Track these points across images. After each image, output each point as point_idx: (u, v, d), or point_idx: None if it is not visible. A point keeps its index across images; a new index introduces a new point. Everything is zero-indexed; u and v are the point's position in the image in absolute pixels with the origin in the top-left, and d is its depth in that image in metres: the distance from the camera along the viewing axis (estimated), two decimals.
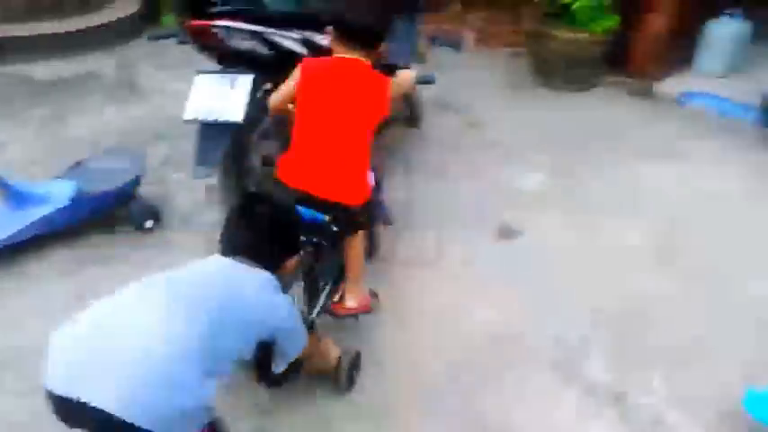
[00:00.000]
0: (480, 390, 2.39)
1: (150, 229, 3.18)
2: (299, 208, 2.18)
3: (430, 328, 2.66)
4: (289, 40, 2.78)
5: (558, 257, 3.10)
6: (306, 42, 2.90)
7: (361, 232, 2.41)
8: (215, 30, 2.60)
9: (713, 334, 2.66)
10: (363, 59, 2.26)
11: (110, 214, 3.18)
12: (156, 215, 3.21)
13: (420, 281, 2.93)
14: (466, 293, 2.86)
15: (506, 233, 3.28)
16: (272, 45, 2.74)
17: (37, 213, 2.94)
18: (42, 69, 4.97)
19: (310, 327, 2.19)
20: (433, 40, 5.83)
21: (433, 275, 2.96)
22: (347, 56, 2.25)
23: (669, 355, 2.56)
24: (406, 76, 2.60)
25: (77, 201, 3.00)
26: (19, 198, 2.94)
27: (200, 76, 2.75)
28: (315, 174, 2.23)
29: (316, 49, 2.89)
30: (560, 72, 4.98)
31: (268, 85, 2.86)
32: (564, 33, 4.78)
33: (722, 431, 2.25)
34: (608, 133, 4.36)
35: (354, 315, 2.48)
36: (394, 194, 3.52)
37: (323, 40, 2.90)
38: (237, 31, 2.64)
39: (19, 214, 2.93)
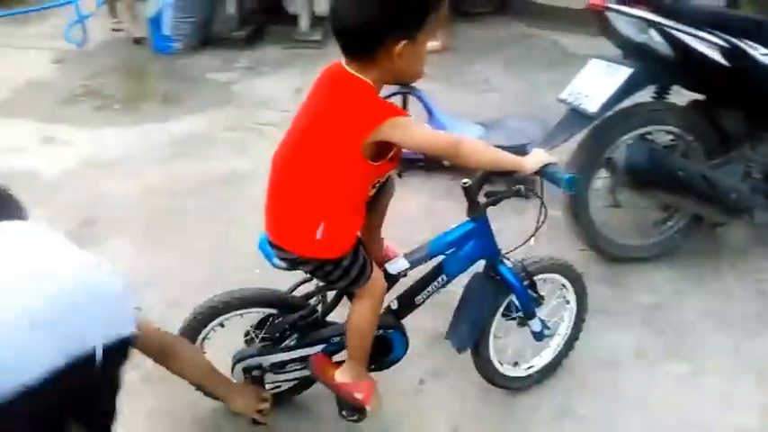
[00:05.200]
0: None
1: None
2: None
3: None
4: (702, 42, 2.36)
5: None
6: (731, 52, 2.37)
7: (368, 305, 1.80)
8: (607, 13, 2.43)
9: None
10: (358, 74, 1.54)
11: None
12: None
13: None
14: None
15: None
16: (677, 43, 2.37)
17: None
18: (567, 40, 5.37)
19: None
20: None
21: None
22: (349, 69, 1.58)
23: None
24: (538, 157, 1.77)
25: None
26: (437, 124, 3.44)
27: (594, 60, 2.65)
28: (271, 215, 1.75)
29: (745, 64, 2.39)
30: None
31: (653, 87, 2.56)
32: None
33: None
34: None
35: (339, 396, 1.91)
36: None
37: (762, 54, 2.42)
38: (630, 18, 2.39)
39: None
